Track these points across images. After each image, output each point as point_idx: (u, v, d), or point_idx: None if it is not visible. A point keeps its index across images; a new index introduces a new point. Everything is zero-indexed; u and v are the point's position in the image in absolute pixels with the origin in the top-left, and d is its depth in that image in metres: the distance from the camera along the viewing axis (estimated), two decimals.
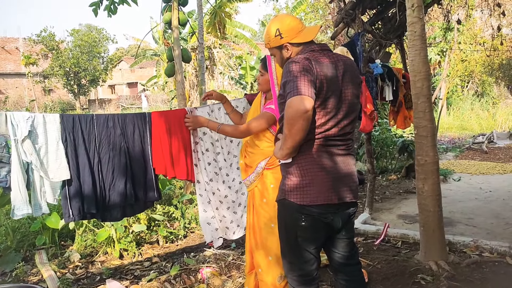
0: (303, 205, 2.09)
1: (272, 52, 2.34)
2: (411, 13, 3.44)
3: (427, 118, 3.48)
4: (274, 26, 2.24)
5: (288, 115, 1.95)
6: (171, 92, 16.36)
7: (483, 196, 5.93)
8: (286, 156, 2.09)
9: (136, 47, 31.90)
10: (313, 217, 2.11)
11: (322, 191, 2.08)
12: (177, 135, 3.05)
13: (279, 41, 2.23)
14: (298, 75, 1.98)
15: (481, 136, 11.96)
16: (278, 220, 2.29)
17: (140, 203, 3.09)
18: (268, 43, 2.30)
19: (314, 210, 2.09)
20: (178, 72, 5.50)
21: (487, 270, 3.41)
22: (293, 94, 1.94)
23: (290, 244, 2.22)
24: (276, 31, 2.22)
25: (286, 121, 1.97)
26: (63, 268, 3.94)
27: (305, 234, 2.16)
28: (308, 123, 1.95)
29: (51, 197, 2.70)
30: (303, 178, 2.10)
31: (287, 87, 2.00)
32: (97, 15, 5.26)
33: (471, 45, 15.60)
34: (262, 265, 2.73)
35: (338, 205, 2.13)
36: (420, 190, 3.58)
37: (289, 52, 2.24)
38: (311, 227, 2.13)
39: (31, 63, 26.47)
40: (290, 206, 2.14)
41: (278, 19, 2.29)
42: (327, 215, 2.12)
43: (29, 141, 2.57)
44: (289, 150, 2.04)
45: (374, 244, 4.14)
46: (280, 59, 2.31)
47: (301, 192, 2.09)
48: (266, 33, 2.30)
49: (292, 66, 2.03)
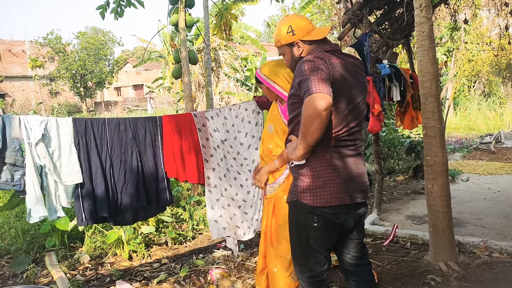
0: (316, 206, 2.09)
1: (282, 51, 2.32)
2: (419, 13, 3.43)
3: (435, 119, 3.47)
4: (286, 23, 2.25)
5: (306, 113, 1.92)
6: (177, 94, 16.40)
7: (492, 196, 5.90)
8: (301, 157, 2.07)
9: (142, 49, 32.03)
10: (325, 218, 2.11)
11: (335, 192, 2.08)
12: (187, 139, 3.07)
13: (290, 38, 2.23)
14: (314, 73, 1.97)
15: (488, 136, 11.88)
16: (289, 222, 2.30)
17: (153, 206, 3.10)
18: (279, 40, 2.28)
19: (327, 211, 2.10)
20: (185, 74, 5.52)
21: (498, 270, 3.39)
22: (310, 92, 1.91)
23: (302, 246, 2.22)
24: (288, 28, 2.22)
25: (304, 120, 1.94)
26: (73, 269, 3.97)
27: (317, 235, 2.16)
28: (325, 122, 1.93)
29: (65, 201, 2.73)
30: (316, 179, 2.09)
31: (303, 86, 1.97)
32: (104, 18, 5.30)
33: (478, 44, 15.52)
34: (278, 264, 2.73)
35: (350, 206, 2.14)
36: (429, 191, 3.57)
37: (300, 49, 2.23)
38: (323, 228, 2.14)
39: (37, 66, 26.69)
40: (302, 208, 2.14)
41: (289, 17, 2.31)
42: (339, 215, 2.13)
43: (43, 144, 2.60)
44: (305, 150, 2.02)
45: (383, 245, 4.13)
46: (290, 57, 2.29)
47: (314, 194, 2.09)
48: (277, 31, 2.30)
49: (306, 65, 2.01)
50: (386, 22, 5.10)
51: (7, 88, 32.92)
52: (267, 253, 2.82)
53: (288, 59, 2.31)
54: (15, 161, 2.57)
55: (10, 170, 2.58)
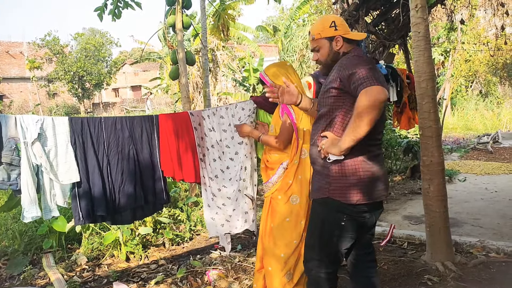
0: (348, 204, 2.11)
1: (319, 44, 2.31)
2: (415, 13, 3.44)
3: (432, 119, 3.48)
4: (329, 18, 2.30)
5: (366, 103, 1.92)
6: (175, 95, 16.40)
7: (489, 196, 5.91)
8: (346, 150, 2.05)
9: (139, 50, 32.03)
10: (353, 217, 2.16)
11: (369, 190, 2.12)
12: (184, 138, 3.08)
13: (332, 32, 2.26)
14: (371, 68, 2.02)
15: (486, 136, 11.91)
16: (312, 218, 2.33)
17: (150, 205, 3.10)
18: (319, 33, 2.29)
19: (355, 209, 2.13)
20: (183, 74, 5.52)
21: (495, 270, 3.40)
22: (372, 83, 1.94)
23: (324, 242, 2.24)
24: (332, 23, 2.27)
25: (361, 110, 1.93)
26: (70, 271, 3.96)
27: (343, 233, 2.19)
28: (380, 114, 1.96)
29: (61, 200, 2.72)
30: (350, 177, 2.11)
31: (358, 77, 1.99)
32: (102, 19, 5.30)
33: (474, 45, 15.55)
34: (273, 263, 2.74)
35: (376, 204, 2.20)
36: (426, 191, 3.58)
37: (339, 45, 2.27)
38: (349, 227, 2.18)
39: (35, 67, 26.64)
40: (333, 205, 2.16)
41: (331, 15, 2.42)
42: (366, 214, 2.18)
43: (39, 143, 2.60)
44: (353, 142, 2.00)
45: (380, 245, 4.12)
46: (328, 51, 2.30)
47: (348, 191, 2.11)
48: (319, 24, 2.32)
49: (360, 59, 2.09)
50: (383, 22, 5.12)
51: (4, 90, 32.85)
52: (263, 252, 2.84)
53: (325, 53, 2.31)
54: (11, 161, 2.56)
55: (6, 170, 2.58)
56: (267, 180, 2.83)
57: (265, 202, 2.91)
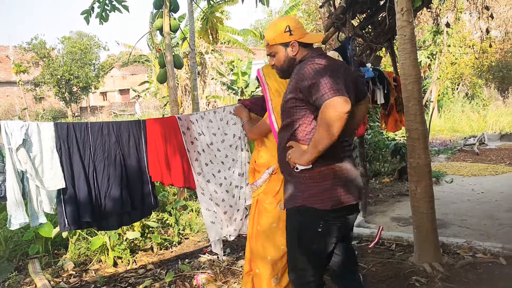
0: (324, 210, 2.08)
1: (274, 50, 2.26)
2: (401, 17, 3.47)
3: (418, 121, 3.51)
4: (283, 22, 2.22)
5: (328, 116, 1.88)
6: (164, 98, 16.33)
7: (476, 198, 5.98)
8: (312, 161, 2.03)
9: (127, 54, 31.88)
10: (330, 222, 2.13)
11: (342, 193, 2.09)
12: (172, 142, 3.06)
13: (287, 38, 2.19)
14: (330, 76, 1.95)
15: (472, 138, 12.05)
16: (289, 228, 2.27)
17: (137, 211, 3.08)
18: (273, 39, 2.23)
19: (332, 214, 2.11)
20: (170, 78, 5.50)
21: (481, 271, 3.43)
22: (332, 94, 1.89)
23: (303, 251, 2.21)
24: (286, 27, 2.19)
25: (323, 122, 1.90)
26: (57, 277, 3.91)
27: (322, 240, 2.16)
28: (344, 124, 1.90)
29: (47, 207, 2.69)
30: (322, 182, 2.08)
31: (316, 89, 1.94)
32: (89, 22, 5.27)
33: (460, 47, 15.76)
34: (260, 266, 2.73)
35: (350, 207, 2.17)
36: (413, 192, 3.61)
37: (295, 51, 2.21)
38: (327, 233, 2.15)
39: (22, 71, 26.32)
40: (307, 213, 2.12)
41: (287, 17, 2.30)
42: (342, 218, 2.16)
43: (24, 149, 2.57)
44: (318, 154, 1.99)
45: (369, 247, 4.15)
46: (283, 57, 2.24)
47: (322, 197, 2.08)
48: (272, 29, 2.25)
49: (317, 68, 2.00)
50: (369, 26, 5.15)
51: None
52: (251, 254, 2.83)
53: (281, 59, 2.26)
54: None
55: None
56: (253, 182, 2.83)
57: (253, 202, 2.90)
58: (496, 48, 17.95)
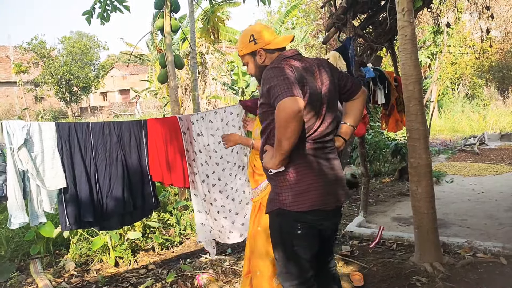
0: (300, 212, 2.08)
1: (245, 60, 2.32)
2: (402, 17, 3.48)
3: (419, 121, 3.52)
4: (248, 33, 2.27)
5: (281, 117, 1.91)
6: (164, 98, 16.34)
7: (476, 197, 5.98)
8: (279, 164, 2.05)
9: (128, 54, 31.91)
10: (308, 224, 2.12)
11: (317, 196, 2.08)
12: (173, 142, 3.07)
13: (252, 47, 2.24)
14: (283, 78, 1.98)
15: (472, 138, 12.07)
16: (272, 231, 2.28)
17: (138, 211, 3.08)
18: (241, 49, 2.29)
19: (309, 217, 2.10)
20: (171, 78, 5.51)
21: (482, 270, 3.44)
22: (283, 96, 1.91)
23: (287, 254, 2.20)
24: (250, 37, 2.24)
25: (279, 125, 1.93)
26: (58, 277, 3.92)
27: (302, 242, 2.16)
28: (301, 124, 1.93)
29: (48, 206, 2.70)
30: (296, 185, 2.08)
31: (273, 92, 1.97)
32: (90, 23, 5.27)
33: (460, 48, 15.76)
34: (262, 266, 2.73)
35: (330, 211, 2.15)
36: (414, 192, 3.61)
37: (263, 58, 2.24)
38: (307, 235, 2.14)
39: (22, 71, 26.33)
40: (285, 215, 2.13)
41: (251, 27, 2.32)
42: (321, 221, 2.15)
43: (25, 149, 2.58)
44: (283, 156, 2.01)
45: (370, 247, 4.16)
46: (254, 66, 2.30)
47: (296, 199, 2.08)
48: (240, 41, 2.31)
49: (273, 71, 2.03)
50: (370, 26, 5.16)
51: None
52: (251, 256, 2.83)
53: (252, 68, 2.31)
54: None
55: None
56: (256, 186, 2.81)
57: (254, 206, 2.89)
58: (496, 48, 17.97)
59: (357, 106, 2.31)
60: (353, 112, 2.31)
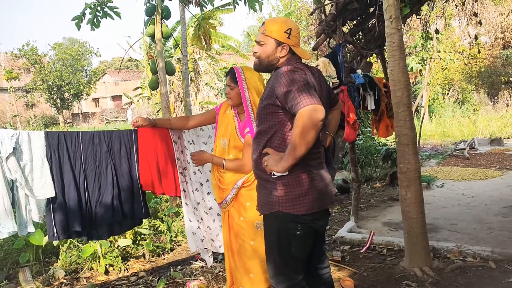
0: (299, 214, 2.14)
1: (266, 41, 2.23)
2: (389, 24, 3.52)
3: (408, 127, 3.55)
4: (288, 24, 2.22)
5: (302, 124, 1.93)
6: (156, 104, 16.31)
7: (466, 202, 6.03)
8: (289, 168, 2.08)
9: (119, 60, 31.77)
10: (307, 225, 2.18)
11: (316, 199, 2.16)
12: (163, 151, 3.04)
13: (284, 38, 2.20)
14: (304, 84, 2.02)
15: (462, 143, 12.16)
16: (267, 234, 2.30)
17: (128, 220, 3.06)
18: (272, 32, 2.21)
19: (308, 218, 2.16)
20: (162, 84, 5.51)
21: (471, 274, 3.46)
22: (306, 103, 1.93)
23: (283, 255, 2.23)
24: (288, 29, 2.20)
25: (299, 130, 1.94)
26: (48, 285, 3.88)
27: (300, 243, 2.21)
28: (319, 132, 1.99)
29: (36, 216, 2.68)
30: (297, 188, 2.14)
31: (292, 96, 1.99)
32: (79, 28, 5.25)
33: (450, 53, 15.92)
34: (245, 284, 2.73)
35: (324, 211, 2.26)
36: (403, 197, 3.64)
37: (282, 53, 2.22)
38: (305, 235, 2.20)
39: (13, 78, 26.18)
40: (284, 218, 2.17)
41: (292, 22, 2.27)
42: (316, 221, 2.22)
43: (14, 158, 2.56)
44: (296, 160, 2.03)
45: (360, 252, 4.18)
46: (271, 52, 2.23)
47: (297, 202, 2.14)
48: (277, 23, 2.23)
49: (296, 75, 2.05)
50: (360, 32, 5.20)
51: None
52: (234, 270, 2.82)
53: (267, 52, 2.24)
54: None
55: None
56: (221, 201, 2.79)
57: (224, 216, 2.88)
58: (485, 54, 18.17)
59: (334, 117, 2.47)
60: (332, 121, 2.45)
